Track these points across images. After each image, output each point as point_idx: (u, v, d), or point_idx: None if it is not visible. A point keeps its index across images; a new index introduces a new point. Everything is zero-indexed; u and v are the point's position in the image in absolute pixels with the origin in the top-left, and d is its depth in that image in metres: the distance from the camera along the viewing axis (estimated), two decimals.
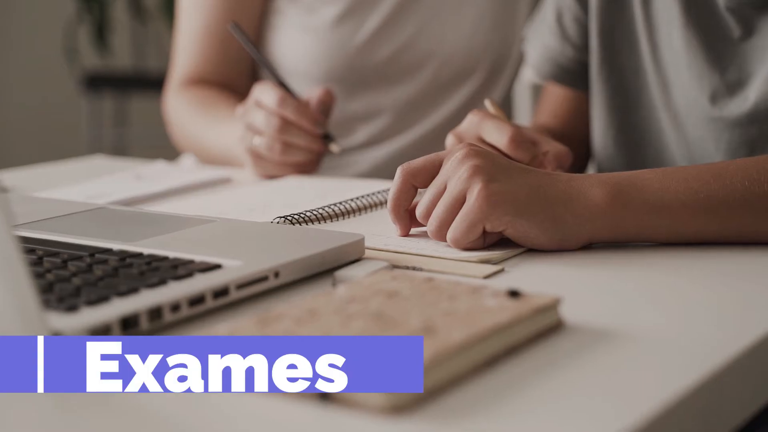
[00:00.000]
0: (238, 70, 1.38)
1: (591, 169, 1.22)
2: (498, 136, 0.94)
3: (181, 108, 1.36)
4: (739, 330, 0.65)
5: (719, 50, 1.01)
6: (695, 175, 0.82)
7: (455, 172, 0.80)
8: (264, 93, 1.14)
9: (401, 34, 1.33)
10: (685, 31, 1.02)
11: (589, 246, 0.82)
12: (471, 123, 0.98)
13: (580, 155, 1.19)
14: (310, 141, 1.13)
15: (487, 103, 1.02)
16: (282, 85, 1.17)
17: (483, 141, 0.97)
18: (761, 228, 0.81)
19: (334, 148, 1.15)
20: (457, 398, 0.54)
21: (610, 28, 1.10)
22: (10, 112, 3.59)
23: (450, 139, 0.99)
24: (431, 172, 0.84)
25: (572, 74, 1.17)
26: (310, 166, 1.16)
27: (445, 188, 0.81)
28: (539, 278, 0.76)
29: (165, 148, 1.53)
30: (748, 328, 0.65)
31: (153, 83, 3.16)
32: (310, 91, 1.18)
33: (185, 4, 1.38)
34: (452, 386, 0.55)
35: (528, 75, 1.25)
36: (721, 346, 0.62)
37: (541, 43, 1.20)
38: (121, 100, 3.56)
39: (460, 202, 0.80)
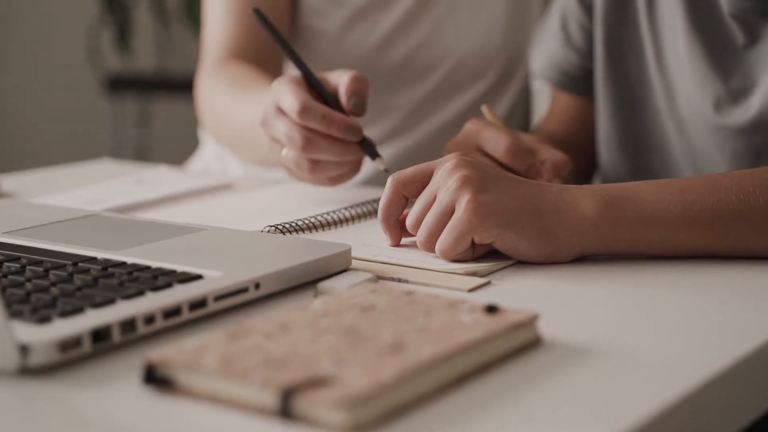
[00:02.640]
0: (269, 50, 1.26)
1: (597, 179, 1.21)
2: (495, 145, 0.94)
3: (212, 88, 1.25)
4: (727, 345, 0.64)
5: (723, 58, 0.99)
6: (690, 187, 0.80)
7: (444, 183, 0.79)
8: (284, 97, 0.94)
9: (414, 36, 1.31)
10: (689, 38, 1.00)
11: (581, 258, 0.81)
12: (469, 132, 0.97)
13: (585, 163, 1.18)
14: (343, 152, 0.94)
15: (485, 111, 1.01)
16: (306, 76, 0.98)
17: (481, 150, 0.96)
18: (756, 242, 0.80)
19: (379, 165, 0.96)
20: (423, 417, 0.53)
21: (614, 35, 1.08)
22: (32, 113, 3.61)
23: (448, 148, 0.98)
24: (422, 182, 0.83)
25: (577, 81, 1.16)
26: (347, 176, 0.98)
27: (434, 199, 0.80)
28: (526, 292, 0.75)
29: (187, 151, 1.52)
30: (737, 343, 0.64)
31: (175, 85, 3.17)
32: (337, 76, 0.98)
33: None
34: (419, 405, 0.54)
35: (535, 82, 1.23)
36: (708, 361, 0.61)
37: (546, 49, 1.18)
38: (143, 103, 3.57)
39: (448, 213, 0.79)
